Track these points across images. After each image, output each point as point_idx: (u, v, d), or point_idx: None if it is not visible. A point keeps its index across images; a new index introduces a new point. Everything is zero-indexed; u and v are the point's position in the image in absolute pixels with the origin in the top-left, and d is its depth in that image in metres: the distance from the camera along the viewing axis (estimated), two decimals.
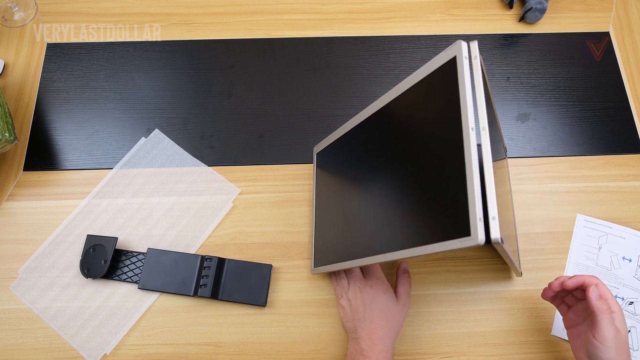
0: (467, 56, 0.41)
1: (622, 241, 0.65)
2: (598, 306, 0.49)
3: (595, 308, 0.49)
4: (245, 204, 0.69)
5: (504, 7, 0.83)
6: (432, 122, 0.45)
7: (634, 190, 0.70)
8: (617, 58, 0.79)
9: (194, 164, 0.71)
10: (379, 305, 0.56)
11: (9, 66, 0.77)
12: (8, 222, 0.67)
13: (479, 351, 0.61)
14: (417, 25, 0.81)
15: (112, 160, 0.71)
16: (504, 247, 0.43)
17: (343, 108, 0.75)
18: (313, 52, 0.79)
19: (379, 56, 0.79)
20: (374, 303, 0.57)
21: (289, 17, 0.82)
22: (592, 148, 0.73)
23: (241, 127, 0.74)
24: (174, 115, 0.74)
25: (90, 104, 0.75)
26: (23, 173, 0.70)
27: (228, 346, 0.61)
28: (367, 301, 0.57)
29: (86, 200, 0.68)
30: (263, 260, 0.65)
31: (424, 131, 0.47)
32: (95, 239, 0.63)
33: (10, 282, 0.63)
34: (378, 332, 0.55)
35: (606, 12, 0.83)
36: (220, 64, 0.78)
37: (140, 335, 0.61)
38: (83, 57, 0.78)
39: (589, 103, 0.76)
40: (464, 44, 0.42)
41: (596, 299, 0.49)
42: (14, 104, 0.74)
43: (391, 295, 0.58)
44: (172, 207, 0.68)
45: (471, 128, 0.39)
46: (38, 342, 0.61)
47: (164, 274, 0.63)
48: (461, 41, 0.42)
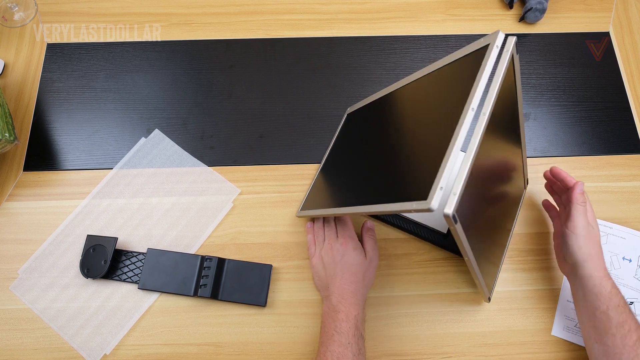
0: (499, 46, 0.42)
1: (622, 241, 0.65)
2: (576, 197, 0.55)
3: (573, 198, 0.55)
4: (245, 204, 0.69)
5: (504, 7, 0.83)
6: (447, 100, 0.47)
7: (634, 190, 0.70)
8: (617, 58, 0.79)
9: (194, 164, 0.71)
10: (348, 260, 0.59)
11: (9, 66, 0.77)
12: (8, 222, 0.67)
13: (479, 351, 0.61)
14: (417, 25, 0.81)
15: (112, 160, 0.71)
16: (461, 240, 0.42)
17: (343, 108, 0.75)
18: (313, 52, 0.79)
19: (379, 56, 0.79)
20: (343, 259, 0.59)
21: (289, 17, 0.82)
22: (592, 148, 0.73)
23: (241, 127, 0.74)
24: (174, 115, 0.74)
25: (90, 104, 0.75)
26: (23, 173, 0.70)
27: (228, 346, 0.61)
28: (337, 257, 0.59)
29: (86, 201, 0.68)
30: (263, 260, 0.65)
31: (436, 108, 0.48)
32: (95, 239, 0.63)
33: (10, 282, 0.63)
34: (348, 286, 0.57)
35: (606, 12, 0.83)
36: (220, 64, 0.78)
37: (140, 335, 0.61)
38: (83, 57, 0.78)
39: (589, 103, 0.76)
40: (501, 35, 0.42)
41: (578, 192, 0.55)
42: (14, 104, 0.74)
43: (360, 251, 0.60)
44: (172, 207, 0.68)
45: (471, 108, 0.40)
46: (38, 342, 0.61)
47: (164, 274, 0.63)
48: (500, 31, 0.42)
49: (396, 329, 0.62)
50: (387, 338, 0.61)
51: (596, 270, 0.53)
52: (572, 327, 0.62)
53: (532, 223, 0.67)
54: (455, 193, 0.38)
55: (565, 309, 0.63)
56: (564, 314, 0.62)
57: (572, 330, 0.61)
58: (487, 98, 0.42)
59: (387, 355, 0.61)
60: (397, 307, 0.63)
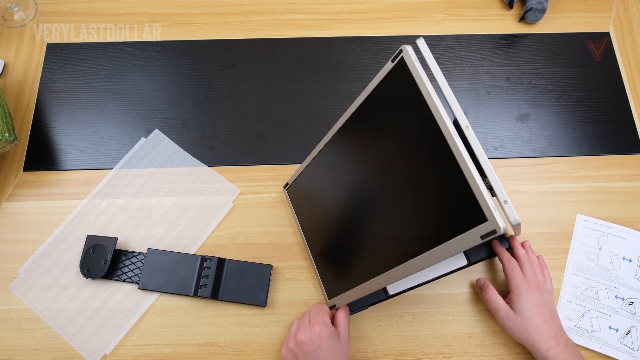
0: (416, 59, 0.42)
1: (622, 241, 0.65)
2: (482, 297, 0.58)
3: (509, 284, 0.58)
4: (245, 204, 0.69)
5: (504, 7, 0.83)
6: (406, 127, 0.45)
7: (634, 190, 0.70)
8: (617, 58, 0.79)
9: (194, 164, 0.71)
10: (323, 352, 0.53)
11: (9, 66, 0.77)
12: (8, 222, 0.67)
13: (479, 351, 0.61)
14: (417, 25, 0.81)
15: (112, 160, 0.71)
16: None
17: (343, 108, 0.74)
18: (313, 52, 0.79)
19: (379, 56, 0.79)
20: (318, 352, 0.53)
21: (289, 17, 0.82)
22: (592, 148, 0.73)
23: (241, 127, 0.74)
24: (174, 115, 0.74)
25: (90, 104, 0.75)
26: (23, 173, 0.70)
27: (228, 346, 0.61)
28: (312, 350, 0.53)
29: (86, 201, 0.68)
30: (263, 260, 0.65)
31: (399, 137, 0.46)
32: (95, 239, 0.63)
33: (10, 282, 0.63)
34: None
35: (606, 12, 0.83)
36: (220, 64, 0.78)
37: (140, 335, 0.61)
38: (83, 57, 0.78)
39: (589, 103, 0.76)
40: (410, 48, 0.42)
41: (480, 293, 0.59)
42: (14, 104, 0.74)
43: (335, 336, 0.54)
44: (172, 208, 0.68)
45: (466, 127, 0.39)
46: (38, 342, 0.61)
47: (164, 274, 0.62)
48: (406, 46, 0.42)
49: (396, 329, 0.62)
50: (387, 338, 0.61)
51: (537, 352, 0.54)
52: (572, 327, 0.62)
53: (530, 223, 0.67)
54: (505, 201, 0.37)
55: (565, 309, 0.63)
56: (564, 314, 0.62)
57: (572, 330, 0.61)
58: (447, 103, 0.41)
59: (387, 355, 0.61)
60: (397, 307, 0.63)
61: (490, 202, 0.35)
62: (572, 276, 0.64)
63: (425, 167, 0.43)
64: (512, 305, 0.57)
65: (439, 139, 0.40)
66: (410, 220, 0.45)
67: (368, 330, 0.62)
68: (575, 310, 0.62)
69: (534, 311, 0.55)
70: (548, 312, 0.56)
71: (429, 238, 0.41)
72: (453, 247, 0.38)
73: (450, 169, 0.39)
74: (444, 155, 0.39)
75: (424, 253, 0.41)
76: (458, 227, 0.38)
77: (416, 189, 0.44)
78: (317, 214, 0.61)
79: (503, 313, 0.57)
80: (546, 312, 0.56)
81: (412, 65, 0.42)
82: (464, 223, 0.37)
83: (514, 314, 0.56)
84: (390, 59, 0.44)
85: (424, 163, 0.43)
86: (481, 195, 0.35)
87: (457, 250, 0.38)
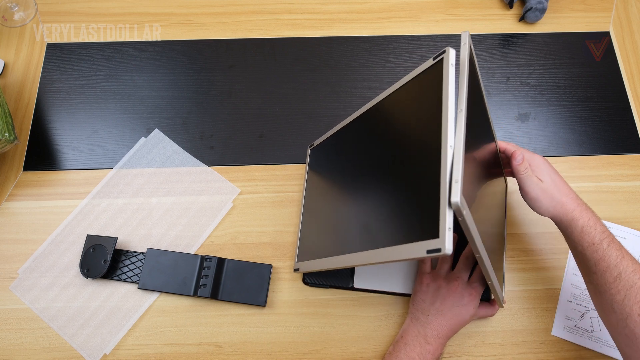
0: (454, 63, 0.41)
1: (622, 241, 0.65)
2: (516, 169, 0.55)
3: (514, 170, 0.55)
4: (245, 204, 0.69)
5: (504, 7, 0.83)
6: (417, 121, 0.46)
7: (634, 190, 0.70)
8: (617, 58, 0.79)
9: (193, 163, 0.71)
10: (462, 313, 0.57)
11: (9, 66, 0.77)
12: (8, 222, 0.67)
13: (479, 351, 0.61)
14: (417, 25, 0.81)
15: (112, 160, 0.71)
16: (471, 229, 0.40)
17: (343, 108, 0.75)
18: (313, 52, 0.79)
19: (379, 56, 0.79)
20: (459, 309, 0.57)
21: (288, 17, 0.82)
22: (592, 148, 0.73)
23: (241, 127, 0.74)
24: (174, 115, 0.74)
25: (90, 104, 0.75)
26: (23, 173, 0.70)
27: (228, 346, 0.61)
28: (456, 302, 0.57)
29: (86, 200, 0.68)
30: (263, 260, 0.65)
31: (408, 131, 0.47)
32: (95, 239, 0.63)
33: (10, 282, 0.63)
34: (448, 332, 0.57)
35: (606, 12, 0.83)
36: (220, 64, 0.78)
37: (140, 335, 0.61)
38: (83, 57, 0.78)
39: (589, 103, 0.76)
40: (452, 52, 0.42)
41: (517, 164, 0.55)
42: (14, 104, 0.74)
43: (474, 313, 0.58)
44: (172, 207, 0.68)
45: (450, 146, 0.39)
46: (38, 342, 0.61)
47: (163, 274, 0.62)
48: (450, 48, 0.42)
49: (396, 329, 0.62)
50: (387, 338, 0.61)
51: (565, 214, 0.53)
52: (572, 327, 0.62)
53: (530, 223, 0.67)
54: (457, 181, 0.36)
55: (565, 308, 0.63)
56: (564, 314, 0.62)
57: (572, 330, 0.61)
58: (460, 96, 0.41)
59: None
60: (397, 307, 0.63)
61: (449, 222, 0.36)
62: (572, 276, 0.64)
63: (415, 170, 0.44)
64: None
65: (435, 149, 0.40)
66: (382, 213, 0.47)
67: (368, 330, 0.62)
68: (575, 310, 0.62)
69: (554, 176, 0.56)
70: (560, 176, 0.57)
71: (387, 236, 0.43)
72: (400, 252, 0.40)
73: (432, 182, 0.39)
74: (433, 170, 0.40)
75: (378, 249, 0.43)
76: (413, 234, 0.39)
77: (398, 188, 0.46)
78: (322, 184, 0.64)
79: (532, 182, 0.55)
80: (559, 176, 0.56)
81: (446, 71, 0.42)
82: (418, 233, 0.39)
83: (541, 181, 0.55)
84: (433, 56, 0.44)
85: (416, 165, 0.44)
86: (444, 214, 0.37)
87: (402, 256, 0.40)
